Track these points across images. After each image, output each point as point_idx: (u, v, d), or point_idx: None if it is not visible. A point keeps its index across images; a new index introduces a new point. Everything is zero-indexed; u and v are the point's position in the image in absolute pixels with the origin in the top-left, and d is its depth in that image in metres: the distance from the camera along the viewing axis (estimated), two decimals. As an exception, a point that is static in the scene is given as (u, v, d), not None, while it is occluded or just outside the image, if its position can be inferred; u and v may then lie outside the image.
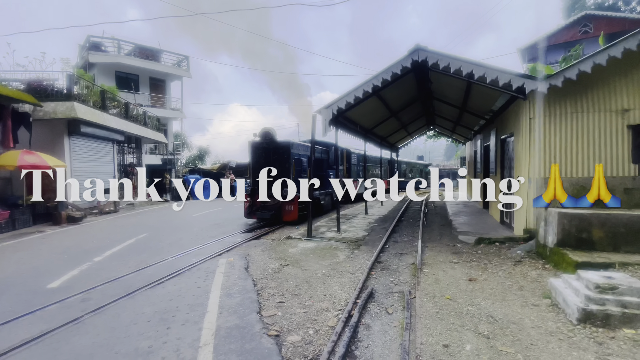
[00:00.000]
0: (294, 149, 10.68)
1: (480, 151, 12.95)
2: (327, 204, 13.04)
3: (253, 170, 10.52)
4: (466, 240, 7.44)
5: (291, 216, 10.00)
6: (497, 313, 3.64)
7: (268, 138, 10.57)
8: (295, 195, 9.44)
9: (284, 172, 10.01)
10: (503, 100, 7.99)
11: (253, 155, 10.71)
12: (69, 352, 2.95)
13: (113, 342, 3.11)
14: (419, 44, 6.60)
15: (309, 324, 3.51)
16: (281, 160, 10.33)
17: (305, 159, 11.22)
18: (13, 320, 3.61)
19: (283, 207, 9.99)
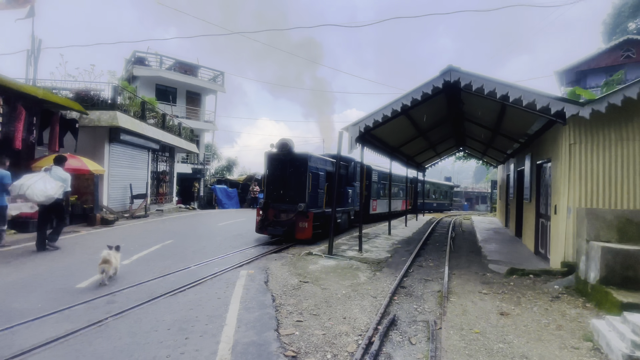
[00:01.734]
0: (312, 162, 9.99)
1: (514, 175, 12.38)
2: (343, 222, 12.24)
3: (268, 182, 10.06)
4: (497, 269, 7.02)
5: (305, 234, 9.29)
6: (532, 354, 3.34)
7: (285, 149, 9.86)
8: (309, 212, 9.28)
9: (299, 186, 9.57)
10: (540, 124, 7.64)
11: (269, 167, 10.10)
12: (91, 355, 3.00)
13: (133, 349, 3.13)
14: (451, 64, 6.51)
15: (327, 347, 3.37)
16: (297, 173, 9.70)
17: (323, 173, 10.66)
18: (41, 318, 3.74)
19: (296, 224, 9.37)
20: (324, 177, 10.77)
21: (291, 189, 9.63)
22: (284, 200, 9.71)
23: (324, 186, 10.70)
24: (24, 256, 6.76)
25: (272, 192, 9.93)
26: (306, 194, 9.45)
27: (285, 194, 9.73)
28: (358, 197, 13.22)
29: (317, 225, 9.85)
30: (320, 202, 10.42)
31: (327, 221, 9.73)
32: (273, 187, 9.93)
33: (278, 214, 9.66)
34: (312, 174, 9.88)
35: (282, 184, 9.81)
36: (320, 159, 10.76)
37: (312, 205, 9.77)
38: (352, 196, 12.93)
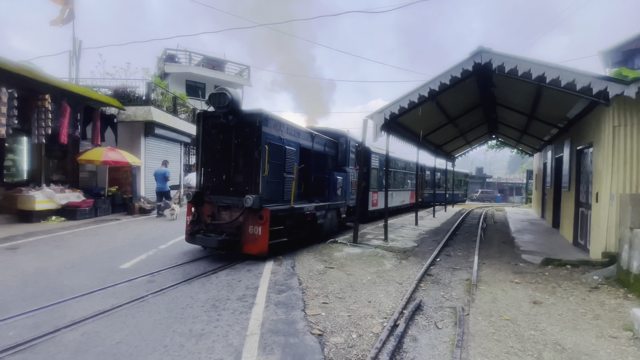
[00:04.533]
0: (271, 127, 6.22)
1: (551, 163, 11.71)
2: (329, 223, 8.56)
3: (203, 163, 6.47)
4: (531, 260, 6.74)
5: (257, 245, 5.82)
6: (567, 341, 3.22)
7: (224, 105, 5.85)
8: (265, 209, 5.77)
9: (248, 168, 6.08)
10: (580, 106, 7.15)
11: (203, 138, 6.43)
12: (134, 326, 3.26)
13: (171, 322, 3.37)
14: (482, 45, 6.23)
15: (352, 328, 3.44)
16: (246, 146, 6.11)
17: (293, 148, 6.95)
18: (89, 294, 4.09)
19: (244, 229, 5.89)
20: (296, 155, 7.05)
21: (238, 172, 6.17)
22: (227, 190, 6.22)
23: (294, 168, 6.91)
24: (71, 240, 7.36)
25: (209, 177, 6.41)
26: (259, 181, 5.91)
27: (229, 180, 6.22)
28: (352, 188, 9.99)
29: (281, 230, 6.35)
30: (288, 194, 6.71)
31: (300, 222, 7.20)
32: (211, 169, 6.38)
33: (218, 211, 6.15)
34: (271, 147, 6.16)
35: (224, 165, 6.26)
36: (288, 126, 6.98)
37: (273, 198, 6.28)
38: (343, 186, 9.23)
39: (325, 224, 8.37)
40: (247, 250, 5.89)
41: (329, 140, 9.08)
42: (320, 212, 7.91)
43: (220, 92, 5.84)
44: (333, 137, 9.39)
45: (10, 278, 4.59)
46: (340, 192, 9.01)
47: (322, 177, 8.50)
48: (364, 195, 11.39)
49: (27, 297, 3.91)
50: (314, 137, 7.89)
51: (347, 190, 9.57)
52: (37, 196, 9.44)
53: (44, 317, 3.38)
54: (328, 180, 8.59)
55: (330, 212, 8.64)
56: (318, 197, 8.19)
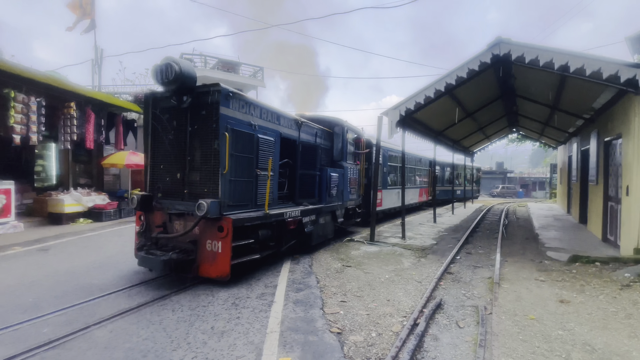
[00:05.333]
0: (232, 107, 4.74)
1: (577, 156, 11.24)
2: (321, 230, 7.07)
3: (152, 157, 5.07)
4: (557, 257, 6.50)
5: (216, 266, 4.43)
6: (597, 342, 3.09)
7: (168, 79, 4.47)
8: (226, 218, 4.40)
9: (206, 163, 4.65)
10: (607, 95, 6.83)
11: (152, 127, 5.03)
12: (159, 323, 3.36)
13: (193, 319, 3.46)
14: (500, 36, 6.04)
15: (371, 327, 3.42)
16: (203, 134, 4.68)
17: (270, 138, 5.46)
18: (116, 292, 4.25)
19: (201, 245, 4.54)
20: (274, 147, 5.58)
21: (194, 168, 4.72)
22: (182, 192, 4.79)
23: (270, 162, 5.25)
24: (98, 241, 7.67)
25: (160, 176, 4.99)
26: (219, 180, 4.50)
27: (183, 179, 4.80)
28: (351, 186, 8.50)
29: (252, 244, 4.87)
30: (262, 196, 5.23)
31: (280, 232, 5.70)
32: (163, 166, 4.96)
33: (170, 221, 4.80)
34: (235, 135, 4.69)
35: (177, 160, 4.82)
36: (263, 108, 5.48)
37: (240, 203, 4.83)
38: (339, 184, 7.68)
39: (316, 232, 6.83)
40: (204, 273, 4.45)
41: (321, 130, 7.56)
42: (308, 217, 6.42)
43: (165, 63, 4.39)
44: (326, 127, 7.87)
45: (43, 277, 4.83)
46: (335, 191, 7.48)
47: (312, 174, 6.84)
48: (366, 194, 10.12)
49: (59, 295, 4.10)
50: (301, 126, 6.53)
51: (344, 190, 8.02)
52: (65, 199, 9.87)
53: (74, 315, 3.54)
54: (319, 178, 7.00)
55: (323, 217, 7.16)
56: (307, 199, 6.67)
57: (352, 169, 8.58)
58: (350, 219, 9.00)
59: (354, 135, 8.81)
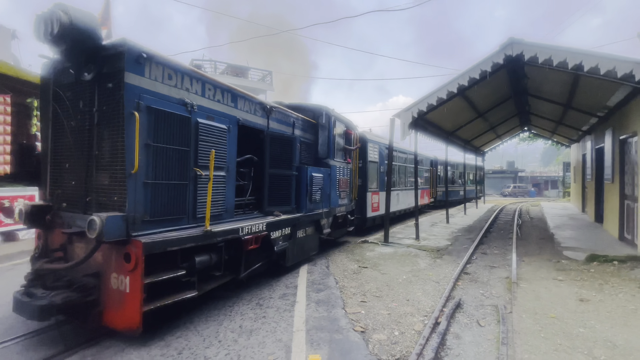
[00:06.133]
0: (150, 75, 3.34)
1: (592, 154, 11.13)
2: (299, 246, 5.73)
3: (51, 152, 3.74)
4: (574, 256, 6.48)
5: (123, 313, 3.00)
6: (618, 338, 3.13)
7: (56, 35, 2.95)
8: (135, 241, 3.01)
9: (113, 159, 3.24)
10: (622, 93, 6.79)
11: (53, 110, 3.69)
12: (189, 322, 3.51)
13: (221, 319, 3.61)
14: (512, 36, 6.09)
15: (393, 325, 3.51)
16: (110, 115, 3.24)
17: (225, 125, 4.22)
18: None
19: (105, 282, 3.14)
20: (226, 136, 4.22)
21: (102, 167, 3.33)
22: (85, 201, 3.41)
23: (213, 157, 3.67)
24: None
25: (62, 178, 3.66)
26: (126, 183, 3.09)
27: (90, 182, 3.39)
28: (341, 189, 7.20)
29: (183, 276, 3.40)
30: (202, 206, 3.81)
31: (233, 256, 4.15)
32: (69, 164, 3.60)
33: (71, 243, 3.44)
34: (153, 116, 3.33)
35: (82, 156, 3.45)
36: (207, 82, 4.11)
37: (165, 216, 3.45)
38: (326, 187, 6.43)
39: (293, 249, 5.45)
40: (109, 321, 3.09)
41: (302, 120, 6.19)
42: (279, 231, 5.00)
43: (50, 11, 2.96)
44: (309, 116, 6.50)
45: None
46: (319, 196, 6.09)
47: (287, 175, 5.35)
48: (361, 198, 9.14)
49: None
50: (271, 112, 5.17)
51: (331, 194, 6.68)
52: None
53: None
54: (298, 180, 5.61)
55: (303, 229, 5.79)
56: (279, 207, 5.21)
57: (341, 168, 7.25)
58: (341, 228, 7.57)
59: (343, 127, 7.39)
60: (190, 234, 3.46)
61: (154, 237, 3.13)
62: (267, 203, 5.07)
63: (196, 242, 3.47)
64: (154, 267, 3.07)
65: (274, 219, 4.89)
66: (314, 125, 6.62)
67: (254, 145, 5.01)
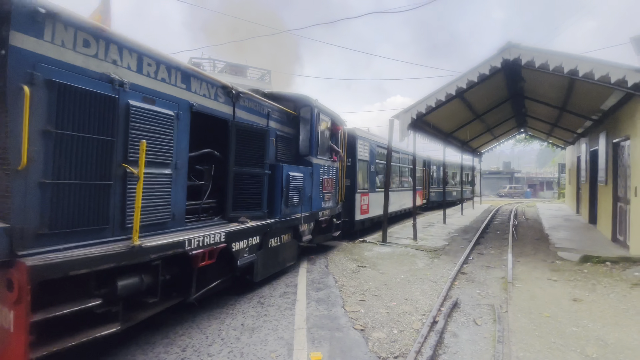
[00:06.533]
0: (50, 34, 2.47)
1: (586, 157, 11.29)
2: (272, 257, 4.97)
3: None
4: (568, 257, 6.61)
5: (10, 359, 2.18)
6: (609, 337, 3.23)
7: None
8: (17, 263, 2.20)
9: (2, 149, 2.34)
10: (616, 98, 6.93)
11: None
12: (192, 320, 3.57)
13: (223, 317, 3.67)
14: (510, 41, 6.20)
15: (392, 324, 3.60)
16: None
17: (170, 112, 3.37)
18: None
19: None
20: (173, 124, 3.40)
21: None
22: None
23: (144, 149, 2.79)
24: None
25: None
26: (11, 183, 2.30)
27: None
28: (325, 190, 6.45)
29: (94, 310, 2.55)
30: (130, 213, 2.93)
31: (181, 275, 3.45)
32: None
33: None
34: (61, 92, 2.51)
35: None
36: (144, 54, 3.18)
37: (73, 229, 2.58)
38: (307, 188, 5.73)
39: (262, 262, 4.60)
40: None
41: (279, 110, 5.49)
42: (243, 242, 4.16)
43: None
44: (290, 108, 5.83)
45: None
46: (297, 199, 5.35)
47: (257, 174, 4.54)
48: (349, 199, 8.51)
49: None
50: (238, 98, 4.41)
51: (313, 196, 5.94)
52: None
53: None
54: (271, 180, 4.86)
55: (276, 237, 5.01)
56: (247, 211, 4.41)
57: (326, 167, 6.47)
58: (325, 233, 6.82)
59: (329, 121, 6.59)
60: (109, 250, 2.62)
61: (51, 257, 2.31)
62: (231, 207, 4.19)
63: (117, 262, 2.64)
64: (54, 297, 2.34)
65: (237, 228, 4.04)
66: (294, 118, 5.93)
67: (215, 137, 4.23)
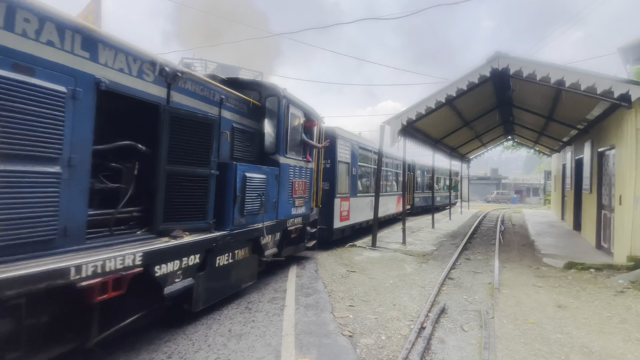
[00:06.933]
0: None
1: (571, 165, 11.56)
2: (219, 281, 3.90)
3: None
4: (553, 263, 6.73)
5: None
6: (593, 345, 3.29)
7: None
8: None
9: None
10: (601, 108, 7.12)
11: None
12: (177, 326, 3.49)
13: (210, 322, 3.60)
14: (499, 50, 6.31)
15: (380, 330, 3.59)
16: None
17: (63, 87, 2.47)
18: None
19: None
20: (61, 107, 2.45)
21: None
22: None
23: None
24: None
25: None
26: None
27: None
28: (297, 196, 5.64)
29: None
30: None
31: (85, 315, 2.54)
32: None
33: None
34: None
35: None
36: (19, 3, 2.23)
37: None
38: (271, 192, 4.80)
39: (205, 286, 3.65)
40: None
41: (236, 98, 4.56)
42: (174, 262, 3.17)
43: None
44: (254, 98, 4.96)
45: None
46: (257, 205, 4.34)
47: (200, 174, 3.61)
48: (327, 205, 7.86)
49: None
50: (176, 79, 3.53)
51: (279, 201, 5.02)
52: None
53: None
54: (221, 183, 3.88)
55: (227, 253, 3.98)
56: (187, 221, 3.51)
57: (298, 168, 5.59)
58: (297, 244, 5.97)
59: (302, 115, 5.68)
60: None
61: None
62: (162, 217, 3.24)
63: None
64: None
65: (163, 245, 3.01)
66: (259, 110, 5.01)
67: (142, 127, 3.32)
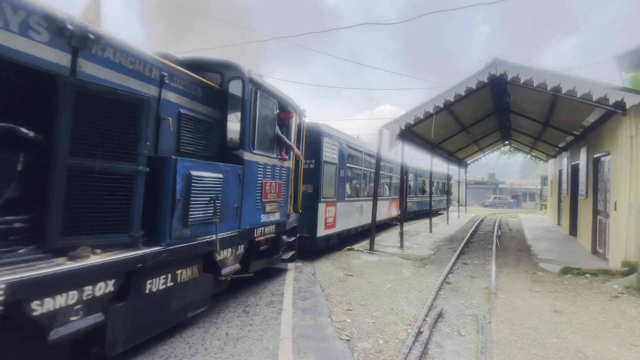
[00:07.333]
0: None
1: (567, 170, 11.66)
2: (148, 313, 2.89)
3: None
4: (549, 268, 6.76)
5: None
6: (588, 349, 3.31)
7: None
8: None
9: None
10: (597, 115, 7.20)
11: None
12: (175, 329, 3.48)
13: (207, 326, 3.60)
14: (497, 57, 6.39)
15: (377, 334, 3.60)
16: None
17: None
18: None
19: None
20: None
21: None
22: None
23: None
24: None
25: None
26: None
27: None
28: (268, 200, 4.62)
29: None
30: None
31: None
32: None
33: None
34: None
35: None
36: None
37: None
38: (231, 196, 3.81)
39: (133, 321, 2.79)
40: None
41: (185, 77, 3.73)
42: (68, 293, 2.25)
43: None
44: (215, 81, 4.22)
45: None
46: (209, 211, 3.47)
47: (120, 171, 2.68)
48: (309, 210, 7.13)
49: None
50: (86, 43, 2.62)
51: (245, 205, 4.12)
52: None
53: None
54: (159, 183, 3.04)
55: (164, 275, 3.06)
56: (97, 235, 2.57)
57: (270, 167, 4.67)
58: (269, 256, 5.05)
59: (274, 104, 4.74)
60: None
61: None
62: (59, 229, 2.39)
63: None
64: None
65: (49, 271, 2.17)
66: (219, 95, 4.14)
67: (32, 106, 2.54)
